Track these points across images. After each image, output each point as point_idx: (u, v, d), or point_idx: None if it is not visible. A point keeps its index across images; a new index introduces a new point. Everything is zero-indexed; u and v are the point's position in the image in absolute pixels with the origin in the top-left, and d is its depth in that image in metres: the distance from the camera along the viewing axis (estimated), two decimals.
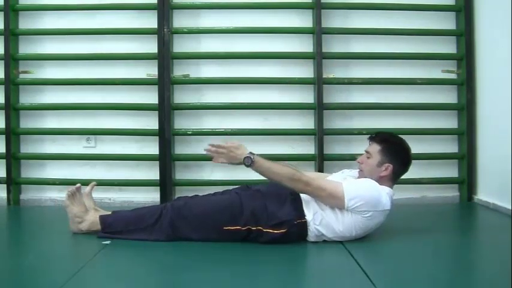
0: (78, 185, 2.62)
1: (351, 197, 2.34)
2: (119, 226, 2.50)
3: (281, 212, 2.40)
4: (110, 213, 2.60)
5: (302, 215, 2.40)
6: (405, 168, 2.59)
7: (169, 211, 2.47)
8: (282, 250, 2.35)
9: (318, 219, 2.40)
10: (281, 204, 2.43)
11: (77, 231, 2.56)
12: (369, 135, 2.63)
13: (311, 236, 2.43)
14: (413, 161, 3.56)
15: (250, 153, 2.41)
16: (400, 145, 2.59)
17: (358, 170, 2.61)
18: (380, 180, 2.48)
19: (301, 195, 2.45)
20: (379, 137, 2.58)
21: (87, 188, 2.65)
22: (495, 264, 2.19)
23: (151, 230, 2.46)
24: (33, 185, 3.64)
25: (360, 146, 3.56)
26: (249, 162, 2.39)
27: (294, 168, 2.43)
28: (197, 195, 2.70)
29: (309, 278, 2.11)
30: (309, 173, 2.72)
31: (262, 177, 2.48)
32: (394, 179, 2.56)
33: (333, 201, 2.38)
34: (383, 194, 2.41)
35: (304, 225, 2.40)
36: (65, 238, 2.55)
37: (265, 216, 2.40)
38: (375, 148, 2.53)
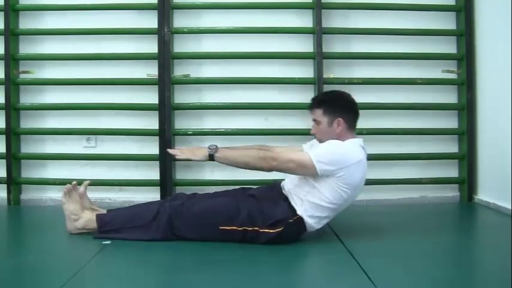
0: (74, 182, 2.63)
1: (319, 160, 2.33)
2: (116, 224, 2.50)
3: (276, 211, 2.41)
4: (105, 211, 2.61)
5: (295, 211, 2.42)
6: (355, 112, 2.57)
7: (167, 209, 2.47)
8: (282, 250, 2.35)
9: (306, 206, 2.41)
10: (274, 204, 2.45)
11: (72, 230, 2.57)
12: (308, 106, 2.61)
13: (312, 226, 2.44)
14: (413, 161, 3.63)
15: (209, 148, 2.43)
16: (337, 96, 2.60)
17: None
18: (340, 137, 2.48)
19: (286, 192, 2.47)
20: (315, 101, 2.58)
21: (80, 188, 2.64)
22: (495, 264, 2.20)
23: (148, 227, 2.46)
24: (33, 185, 3.65)
25: None
26: (213, 147, 2.41)
27: (258, 147, 2.43)
28: (196, 193, 2.71)
29: (309, 278, 2.11)
30: (278, 148, 2.71)
31: (262, 178, 2.48)
32: (352, 128, 2.54)
33: (305, 170, 2.38)
34: (348, 148, 2.42)
35: (300, 221, 2.41)
36: (65, 238, 2.55)
37: (261, 217, 2.41)
38: (318, 112, 2.53)
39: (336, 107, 2.51)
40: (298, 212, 2.41)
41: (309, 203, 2.41)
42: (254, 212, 2.42)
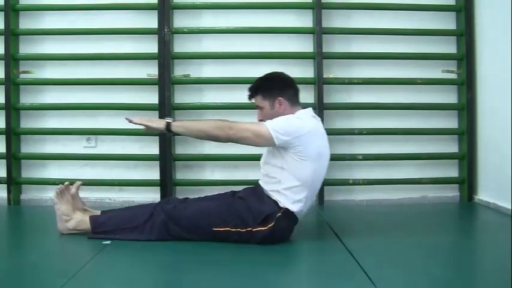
0: (67, 183, 2.63)
1: (275, 130, 2.36)
2: (110, 225, 2.50)
3: (263, 208, 2.42)
4: (99, 213, 2.61)
5: (278, 204, 2.42)
6: (293, 88, 2.58)
7: (161, 212, 2.48)
8: (281, 250, 2.35)
9: (284, 195, 2.42)
10: (260, 202, 2.46)
11: (64, 230, 2.57)
12: (247, 96, 2.62)
13: (299, 211, 2.44)
14: (413, 161, 3.62)
15: (166, 121, 2.46)
16: (271, 78, 2.60)
17: None
18: (286, 114, 2.50)
19: (264, 188, 2.49)
20: (251, 90, 2.59)
21: (72, 189, 2.63)
22: (495, 264, 2.19)
23: (142, 229, 2.47)
24: (33, 185, 3.65)
25: (361, 146, 3.60)
26: (168, 125, 2.44)
27: (217, 119, 2.48)
28: (187, 198, 2.70)
29: (309, 278, 2.11)
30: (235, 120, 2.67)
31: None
32: (295, 103, 2.56)
33: (261, 140, 2.41)
34: (299, 119, 2.44)
35: (288, 212, 2.42)
36: (65, 238, 2.55)
37: (251, 217, 2.41)
38: (258, 99, 2.56)
39: (273, 88, 2.54)
40: (281, 204, 2.42)
41: (284, 190, 2.42)
42: (244, 212, 2.43)
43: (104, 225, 2.51)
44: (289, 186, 2.42)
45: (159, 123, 2.50)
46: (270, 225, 2.39)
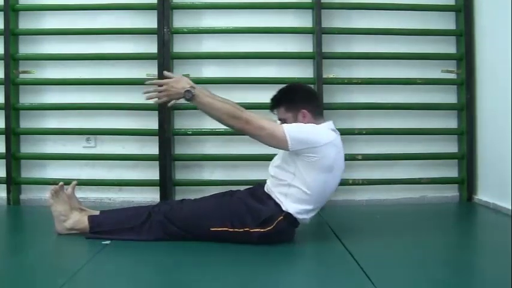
0: (61, 183, 2.62)
1: (291, 135, 2.31)
2: (108, 225, 2.50)
3: (263, 210, 2.40)
4: (97, 213, 2.60)
5: (281, 207, 2.40)
6: (315, 99, 2.56)
7: (158, 213, 2.48)
8: (281, 250, 2.35)
9: (290, 201, 2.39)
10: (261, 204, 2.43)
11: (62, 231, 2.57)
12: (269, 108, 2.58)
13: (302, 219, 2.43)
14: (413, 161, 3.63)
15: (191, 86, 2.34)
16: (294, 89, 2.57)
17: None
18: None
19: (269, 191, 2.46)
20: (274, 101, 2.55)
21: (68, 189, 2.63)
22: (495, 264, 2.19)
23: (139, 230, 2.46)
24: (33, 185, 3.64)
25: (360, 146, 3.60)
26: (189, 95, 2.34)
27: (236, 106, 2.38)
28: (184, 199, 2.69)
29: (309, 278, 2.11)
30: (251, 112, 2.50)
31: (261, 178, 2.47)
32: (318, 115, 2.53)
33: (275, 142, 2.35)
34: (320, 129, 2.41)
35: (289, 216, 2.40)
36: (65, 238, 2.55)
37: (249, 217, 2.40)
38: (281, 111, 2.51)
39: (296, 100, 2.50)
40: (284, 208, 2.40)
41: (292, 195, 2.39)
42: (242, 213, 2.41)
43: (102, 225, 2.51)
44: (297, 193, 2.39)
45: (180, 94, 2.34)
46: (269, 228, 2.38)
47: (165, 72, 2.49)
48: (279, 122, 2.57)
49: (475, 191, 3.55)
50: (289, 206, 2.40)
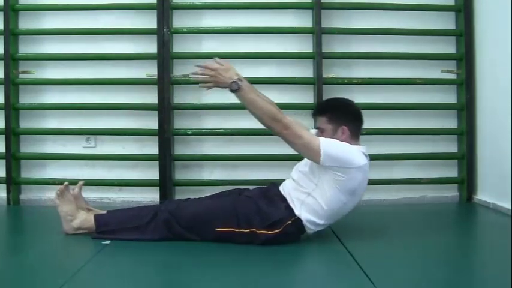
0: (66, 183, 2.63)
1: (326, 150, 2.30)
2: (114, 225, 2.50)
3: (273, 212, 2.40)
4: (104, 212, 2.61)
5: (293, 212, 2.40)
6: (359, 120, 2.53)
7: (164, 212, 2.47)
8: (282, 251, 2.35)
9: (305, 210, 2.39)
10: (272, 206, 2.43)
11: (69, 230, 2.57)
12: (311, 113, 2.58)
13: (310, 228, 2.43)
14: (413, 161, 3.63)
15: (239, 78, 2.33)
16: (342, 104, 2.56)
17: None
18: None
19: (285, 194, 2.45)
20: (319, 109, 2.55)
21: (75, 189, 2.64)
22: (495, 264, 2.20)
23: (144, 229, 2.46)
24: (33, 185, 3.64)
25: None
26: (235, 87, 2.33)
27: (277, 108, 2.38)
28: (189, 198, 2.70)
29: (309, 278, 2.11)
30: (290, 117, 2.49)
31: (260, 178, 2.47)
32: (356, 136, 2.50)
33: (307, 152, 2.34)
34: (355, 151, 2.38)
35: (299, 222, 2.40)
36: (65, 238, 2.55)
37: (258, 218, 2.39)
38: (322, 120, 2.49)
39: (341, 115, 2.48)
40: (296, 213, 2.39)
41: (307, 207, 2.39)
42: (251, 213, 2.41)
43: (108, 224, 2.51)
44: (314, 204, 2.38)
45: (227, 84, 2.35)
46: (276, 231, 2.38)
47: (216, 59, 2.46)
48: (313, 130, 2.56)
49: (475, 191, 3.55)
50: (302, 213, 2.39)
